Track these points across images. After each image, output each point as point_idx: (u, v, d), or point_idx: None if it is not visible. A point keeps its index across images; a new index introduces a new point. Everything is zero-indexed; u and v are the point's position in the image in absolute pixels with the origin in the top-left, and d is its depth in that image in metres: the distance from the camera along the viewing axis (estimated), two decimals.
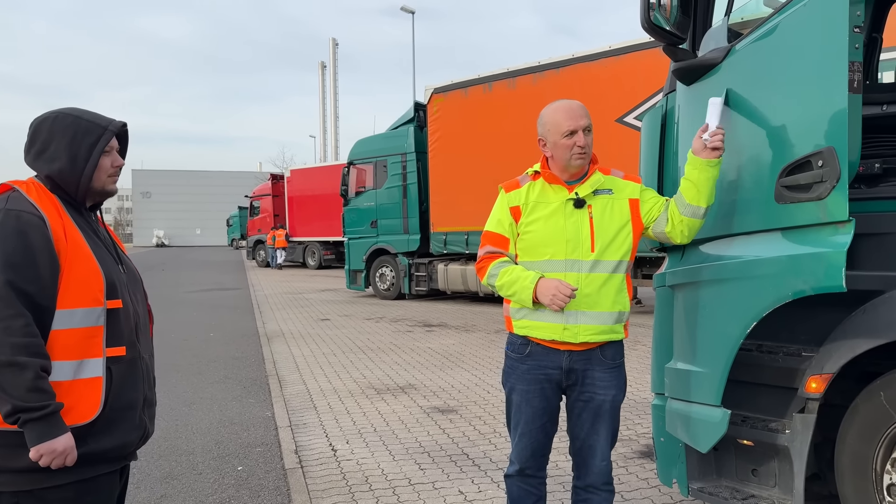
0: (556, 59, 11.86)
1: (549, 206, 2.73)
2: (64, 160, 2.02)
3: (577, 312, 2.67)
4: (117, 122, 2.15)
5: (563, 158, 2.71)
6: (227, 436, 5.27)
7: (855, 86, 2.24)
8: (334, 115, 58.94)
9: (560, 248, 2.68)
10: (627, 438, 4.90)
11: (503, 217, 2.79)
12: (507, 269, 2.72)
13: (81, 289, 1.93)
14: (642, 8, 2.74)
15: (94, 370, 1.96)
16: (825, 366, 2.66)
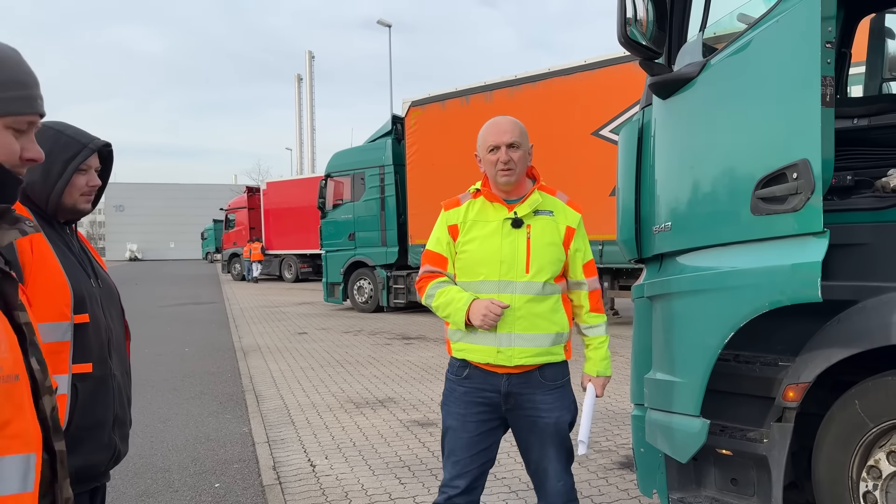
0: (533, 73, 11.96)
1: (487, 224, 2.68)
2: (37, 173, 1.95)
3: (510, 335, 2.61)
4: (99, 141, 2.09)
5: (490, 174, 2.69)
6: (203, 452, 5.20)
7: (827, 100, 2.29)
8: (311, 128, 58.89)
9: (494, 268, 2.63)
10: (607, 449, 4.92)
11: (442, 236, 2.74)
12: (444, 290, 2.67)
13: (46, 303, 1.85)
14: (619, 23, 2.78)
15: (59, 388, 1.86)
16: (801, 375, 2.69)
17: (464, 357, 2.68)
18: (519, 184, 2.72)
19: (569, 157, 11.29)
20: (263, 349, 10.31)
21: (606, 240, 10.82)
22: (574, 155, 11.21)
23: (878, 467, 2.50)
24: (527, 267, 2.62)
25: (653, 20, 2.90)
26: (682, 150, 2.97)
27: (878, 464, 2.50)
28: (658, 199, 3.13)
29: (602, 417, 5.81)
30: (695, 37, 3.03)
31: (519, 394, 2.65)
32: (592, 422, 2.74)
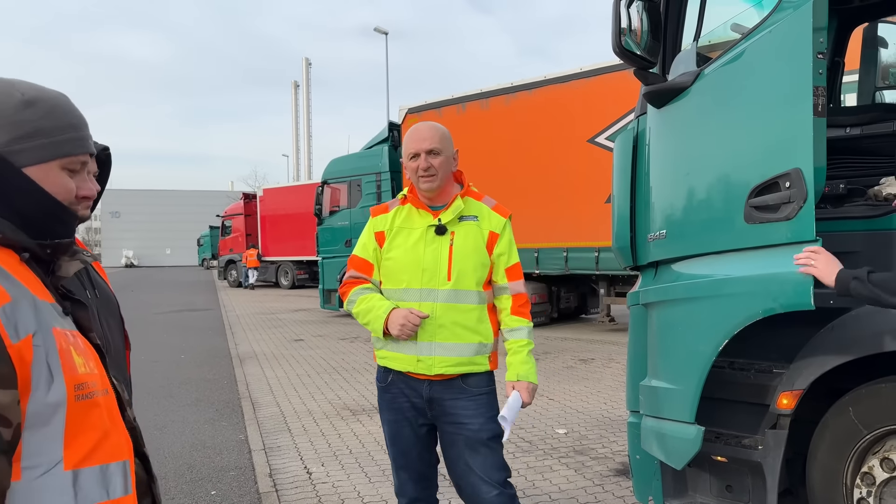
0: (529, 81, 12.01)
1: (412, 232, 2.66)
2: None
3: (431, 344, 2.57)
4: (97, 146, 2.00)
5: (413, 181, 2.67)
6: (199, 460, 5.19)
7: (819, 110, 2.32)
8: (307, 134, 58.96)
9: (416, 275, 2.60)
10: (603, 456, 4.93)
11: (368, 242, 2.72)
12: (365, 297, 2.65)
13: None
14: (613, 33, 2.80)
15: None
16: (795, 382, 2.71)
17: (385, 365, 2.66)
18: (444, 190, 2.68)
19: (565, 164, 11.33)
20: (260, 356, 10.29)
21: (602, 246, 10.86)
22: (570, 162, 11.25)
23: (872, 474, 2.52)
24: (448, 274, 2.58)
25: (647, 30, 2.93)
26: (676, 159, 2.99)
27: (871, 470, 2.52)
28: (653, 207, 3.15)
29: (598, 424, 5.82)
30: (689, 46, 3.06)
31: (441, 399, 2.61)
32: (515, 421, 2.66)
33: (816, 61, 2.31)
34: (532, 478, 4.50)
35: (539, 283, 12.53)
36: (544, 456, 4.97)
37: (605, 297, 12.06)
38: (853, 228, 2.73)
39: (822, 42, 2.34)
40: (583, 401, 6.72)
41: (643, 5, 2.87)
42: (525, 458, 4.91)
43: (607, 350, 9.93)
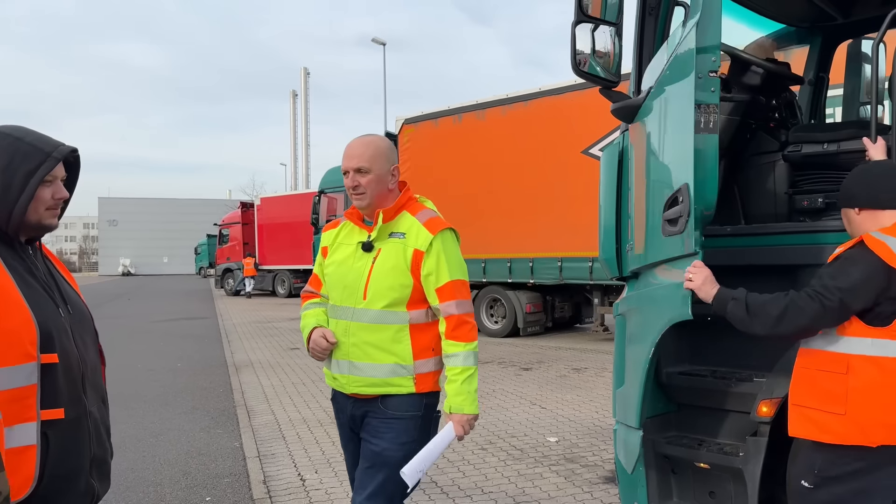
0: (525, 92, 12.13)
1: (346, 248, 2.64)
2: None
3: (345, 362, 2.56)
4: (64, 148, 1.86)
5: (351, 198, 2.62)
6: (194, 467, 5.25)
7: (703, 126, 2.43)
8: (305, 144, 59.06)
9: (339, 293, 2.60)
10: (593, 464, 4.99)
11: (319, 256, 2.78)
12: (305, 314, 2.72)
13: (8, 344, 1.65)
14: (570, 55, 2.90)
15: (26, 437, 1.67)
16: (775, 390, 2.78)
17: (327, 382, 2.73)
18: (379, 206, 2.56)
19: (560, 174, 11.43)
20: (255, 364, 10.34)
21: (596, 256, 10.93)
22: (565, 173, 11.35)
23: None
24: (364, 293, 2.52)
25: (619, 52, 3.04)
26: (636, 172, 3.11)
27: None
28: (629, 219, 3.26)
29: (589, 433, 5.89)
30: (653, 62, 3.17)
31: (361, 416, 2.61)
32: (432, 463, 2.48)
33: (706, 80, 2.43)
34: (522, 485, 4.57)
35: (534, 293, 12.62)
36: (535, 464, 5.03)
37: (599, 307, 12.14)
38: (832, 241, 2.80)
39: (714, 61, 2.47)
40: (575, 409, 6.79)
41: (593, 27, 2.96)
42: (516, 466, 4.98)
43: (601, 359, 10.00)
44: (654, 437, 3.19)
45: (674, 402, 3.25)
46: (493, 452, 5.33)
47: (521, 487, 4.52)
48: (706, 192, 2.49)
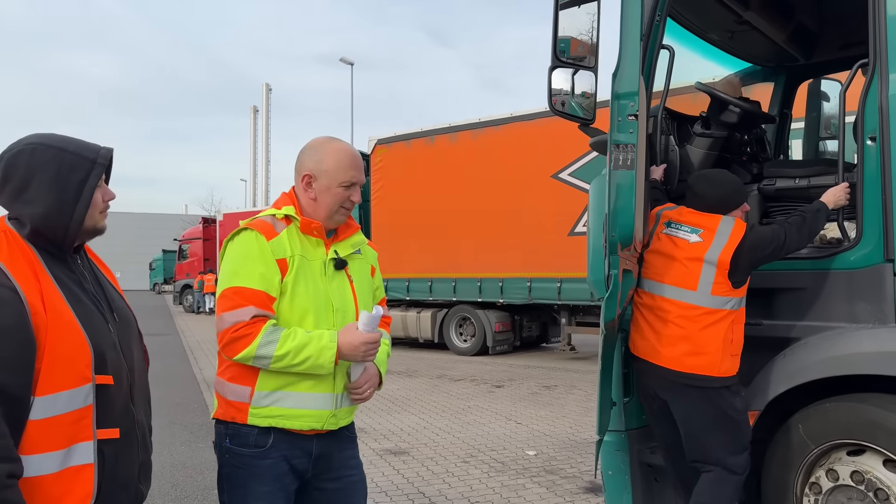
0: (496, 117, 12.49)
1: (311, 263, 2.20)
2: (49, 202, 1.72)
3: (343, 394, 2.20)
4: (105, 152, 1.85)
5: (329, 207, 2.24)
6: (182, 479, 5.32)
7: (620, 163, 2.81)
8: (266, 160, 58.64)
9: (327, 317, 2.18)
10: (572, 476, 5.23)
11: (271, 271, 2.13)
12: (289, 334, 2.09)
13: (65, 368, 1.64)
14: (548, 97, 3.19)
15: (85, 456, 1.68)
16: (752, 404, 3.06)
17: (274, 425, 2.12)
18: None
19: (529, 198, 11.77)
20: None
21: (565, 277, 11.27)
22: (534, 196, 11.69)
23: (819, 484, 2.86)
24: (356, 315, 2.22)
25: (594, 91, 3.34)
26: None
27: (818, 480, 2.87)
28: None
29: (565, 446, 6.14)
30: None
31: (330, 454, 2.23)
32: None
33: (624, 122, 2.79)
34: (507, 495, 4.78)
35: (503, 312, 12.90)
36: (517, 475, 5.25)
37: (567, 327, 12.46)
38: (802, 268, 3.11)
39: (633, 106, 2.82)
40: (549, 425, 7.03)
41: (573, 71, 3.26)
42: (499, 478, 5.19)
43: (569, 377, 10.28)
44: (638, 447, 3.44)
45: None
46: (476, 465, 5.53)
47: (507, 497, 4.73)
48: (620, 222, 2.82)
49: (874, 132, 2.80)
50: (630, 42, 2.90)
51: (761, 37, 4.20)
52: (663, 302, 3.03)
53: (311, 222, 2.22)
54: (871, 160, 2.82)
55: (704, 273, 2.94)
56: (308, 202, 2.26)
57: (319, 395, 2.15)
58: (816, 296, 3.03)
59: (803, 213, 2.98)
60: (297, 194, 2.29)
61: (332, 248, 2.27)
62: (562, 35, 3.05)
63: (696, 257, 2.96)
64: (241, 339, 2.07)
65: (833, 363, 2.85)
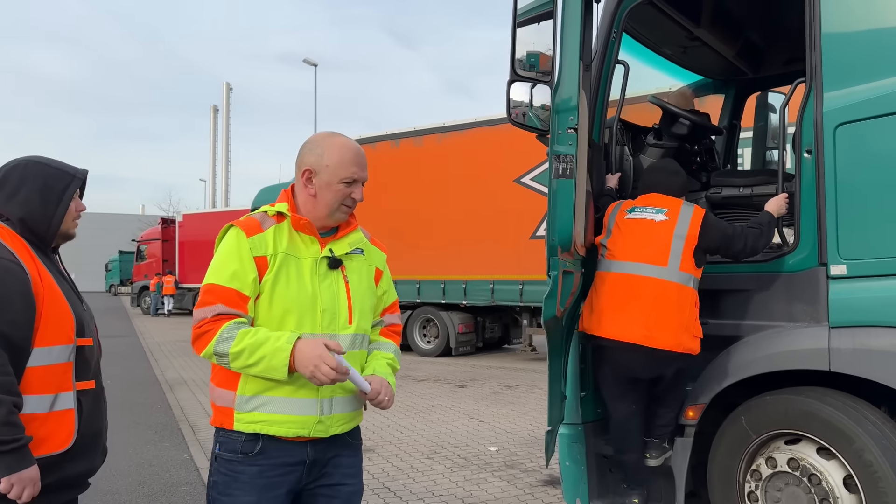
0: (460, 122, 12.70)
1: (300, 262, 2.13)
2: (36, 204, 2.16)
3: (333, 399, 2.11)
4: (81, 170, 2.30)
5: (329, 205, 2.16)
6: (149, 477, 5.37)
7: (560, 173, 3.02)
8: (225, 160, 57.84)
9: (313, 318, 2.09)
10: (532, 470, 5.43)
11: (245, 269, 2.07)
12: (249, 331, 2.01)
13: (56, 329, 2.07)
14: (507, 109, 3.38)
15: (67, 402, 2.09)
16: (699, 397, 3.28)
17: (259, 431, 2.05)
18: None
19: (493, 201, 11.99)
20: (189, 382, 10.34)
21: (527, 279, 11.52)
22: (497, 200, 11.92)
23: (759, 470, 3.09)
24: (350, 317, 2.16)
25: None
26: None
27: (759, 468, 3.10)
28: None
29: (525, 443, 6.35)
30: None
31: (324, 460, 2.16)
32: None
33: (564, 135, 3.01)
34: (469, 488, 4.95)
35: (466, 314, 13.10)
36: (479, 470, 5.43)
37: (528, 328, 12.70)
38: (745, 270, 3.34)
39: (571, 119, 3.02)
40: (510, 422, 7.23)
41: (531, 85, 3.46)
42: (462, 472, 5.37)
43: (530, 377, 10.52)
44: (593, 440, 3.65)
45: None
46: (439, 461, 5.69)
47: (469, 491, 4.90)
48: (559, 227, 3.02)
49: (810, 146, 3.01)
50: (569, 58, 3.07)
51: (712, 52, 4.46)
52: (635, 279, 3.23)
53: (300, 219, 2.14)
54: (808, 171, 3.04)
55: (674, 248, 3.17)
56: (307, 199, 2.17)
57: (302, 399, 2.06)
58: (758, 297, 3.25)
59: (760, 225, 3.20)
60: (296, 191, 2.22)
61: (328, 246, 2.18)
62: (530, 50, 3.23)
63: (666, 232, 3.19)
64: (202, 335, 2.03)
65: (772, 360, 3.08)
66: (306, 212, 2.18)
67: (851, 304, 2.88)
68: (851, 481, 2.78)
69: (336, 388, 2.09)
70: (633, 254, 3.25)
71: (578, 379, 3.65)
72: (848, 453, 2.79)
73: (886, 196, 2.79)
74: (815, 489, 2.88)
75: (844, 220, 2.89)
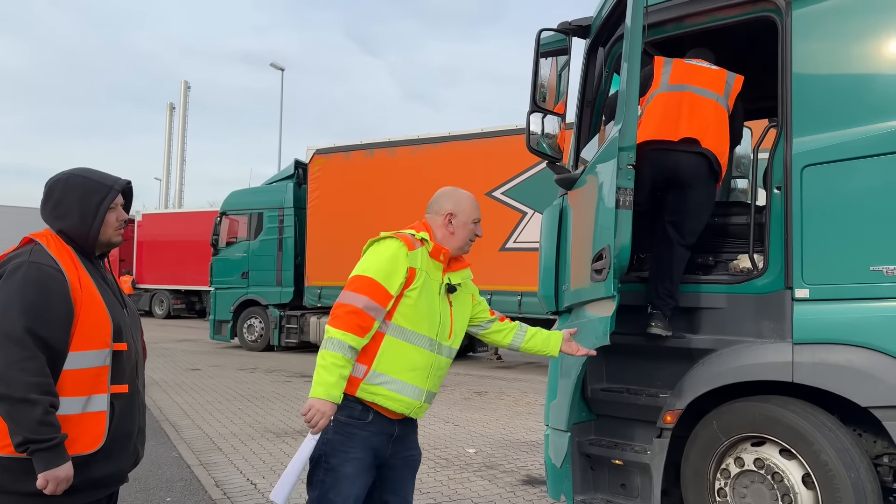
0: (434, 136, 13.06)
1: (433, 281, 2.71)
2: (75, 216, 2.27)
3: (427, 392, 2.71)
4: (122, 182, 2.40)
5: (462, 239, 2.83)
6: (142, 473, 5.52)
7: (621, 204, 3.26)
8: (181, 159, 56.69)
9: (434, 325, 2.68)
10: (511, 470, 5.77)
11: (399, 273, 2.60)
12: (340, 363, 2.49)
13: (93, 333, 2.18)
14: (526, 137, 3.73)
15: (100, 405, 2.19)
16: (676, 404, 3.64)
17: (373, 401, 2.61)
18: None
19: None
20: (161, 383, 10.40)
21: (496, 290, 11.89)
22: None
23: (728, 469, 3.46)
24: (450, 333, 2.76)
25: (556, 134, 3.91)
26: (574, 230, 3.97)
27: (728, 467, 3.47)
28: (565, 264, 4.11)
29: (501, 445, 6.70)
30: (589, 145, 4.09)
31: (404, 436, 2.76)
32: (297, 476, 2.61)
33: (626, 170, 3.27)
34: (454, 487, 5.26)
35: None
36: (461, 470, 5.75)
37: None
38: (719, 291, 3.73)
39: (631, 157, 3.28)
40: (484, 426, 7.57)
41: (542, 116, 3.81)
42: (445, 472, 5.68)
43: (498, 385, 10.87)
44: (578, 440, 4.00)
45: (595, 412, 4.08)
46: (422, 462, 5.96)
47: (454, 489, 5.21)
48: (622, 253, 3.32)
49: (780, 182, 3.42)
50: (631, 102, 3.28)
51: None
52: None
53: (441, 248, 2.76)
54: (777, 205, 3.44)
55: None
56: (445, 235, 2.81)
57: (415, 386, 2.65)
58: (731, 315, 3.61)
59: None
60: (432, 226, 2.83)
61: (447, 275, 2.79)
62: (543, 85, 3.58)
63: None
64: (344, 320, 2.52)
65: (742, 371, 3.45)
66: (444, 244, 2.79)
67: (813, 324, 3.26)
68: (809, 479, 3.15)
69: (432, 385, 2.71)
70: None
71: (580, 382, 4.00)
72: (807, 454, 3.17)
73: (844, 229, 3.21)
74: (778, 486, 3.26)
75: (808, 250, 3.29)
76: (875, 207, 3.16)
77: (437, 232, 2.82)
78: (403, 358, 2.64)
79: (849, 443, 3.16)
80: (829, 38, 3.36)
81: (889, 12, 3.20)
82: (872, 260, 3.15)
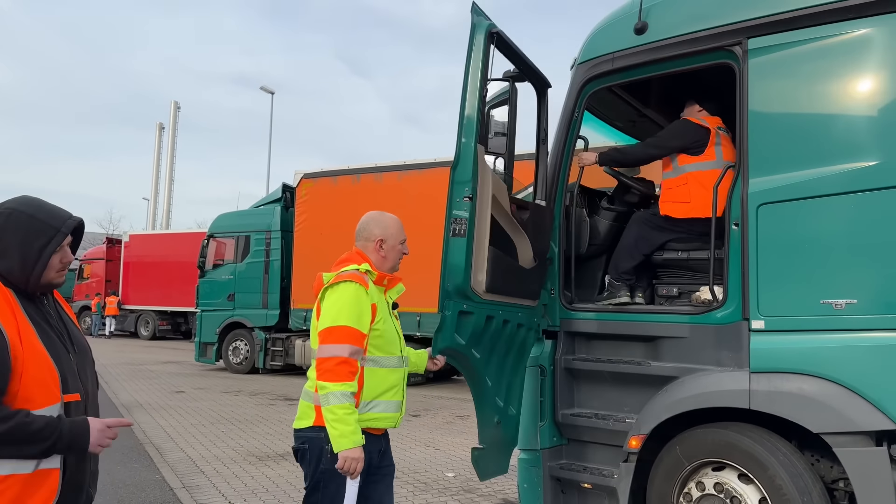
0: (420, 161, 13.26)
1: (384, 306, 3.01)
2: (15, 259, 2.08)
3: (404, 401, 3.07)
4: (71, 223, 2.19)
5: (393, 261, 3.12)
6: (125, 495, 5.63)
7: (455, 232, 3.58)
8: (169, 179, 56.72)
9: (396, 344, 3.03)
10: (488, 494, 5.89)
11: (366, 314, 2.87)
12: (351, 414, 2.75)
13: (40, 389, 2.01)
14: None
15: (53, 462, 2.04)
16: (640, 429, 3.81)
17: (368, 426, 2.87)
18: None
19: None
20: (146, 406, 10.45)
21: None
22: None
23: (691, 493, 3.63)
24: (402, 344, 3.10)
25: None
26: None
27: (690, 491, 3.63)
28: None
29: None
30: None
31: (386, 448, 3.08)
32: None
33: (460, 202, 3.58)
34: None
35: (419, 346, 13.49)
36: (439, 494, 5.87)
37: None
38: (682, 321, 3.91)
39: (466, 190, 3.57)
40: (465, 450, 7.66)
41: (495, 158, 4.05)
42: (423, 496, 5.79)
43: (465, 407, 10.96)
44: (549, 464, 4.15)
45: (565, 436, 4.24)
46: (401, 485, 6.09)
47: None
48: (454, 276, 3.57)
49: (738, 219, 3.63)
50: (466, 141, 3.61)
51: (654, 125, 5.12)
52: None
53: (383, 275, 3.05)
54: (735, 241, 3.64)
55: None
56: (378, 259, 3.08)
57: (394, 401, 2.98)
58: (692, 344, 3.79)
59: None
60: (366, 253, 3.09)
61: (389, 294, 3.10)
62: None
63: None
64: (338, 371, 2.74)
65: (702, 398, 3.63)
66: (379, 268, 3.07)
67: (768, 354, 3.46)
68: (766, 503, 3.34)
69: (405, 391, 3.05)
70: None
71: (538, 409, 4.16)
72: (763, 479, 3.35)
73: (797, 265, 3.42)
74: None
75: (763, 283, 3.49)
76: (825, 244, 3.38)
77: (371, 257, 3.08)
78: (382, 381, 2.94)
79: (802, 468, 3.34)
80: (783, 86, 3.58)
81: (838, 64, 3.43)
82: (823, 294, 3.36)
